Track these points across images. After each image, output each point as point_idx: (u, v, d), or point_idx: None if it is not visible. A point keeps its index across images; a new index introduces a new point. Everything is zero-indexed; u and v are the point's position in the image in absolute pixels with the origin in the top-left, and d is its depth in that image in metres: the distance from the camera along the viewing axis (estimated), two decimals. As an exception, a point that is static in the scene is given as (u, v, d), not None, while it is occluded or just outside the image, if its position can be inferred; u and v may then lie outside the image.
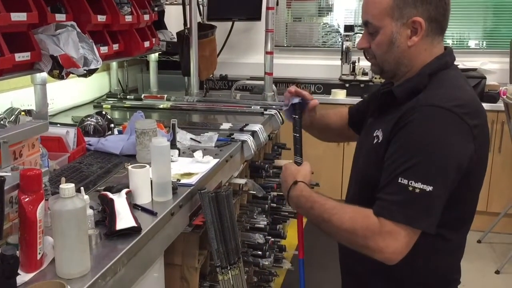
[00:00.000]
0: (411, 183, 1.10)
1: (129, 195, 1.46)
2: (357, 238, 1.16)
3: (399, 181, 1.11)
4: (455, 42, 4.17)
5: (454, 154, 1.12)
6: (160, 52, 3.37)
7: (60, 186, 1.08)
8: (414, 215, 1.11)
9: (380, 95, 1.33)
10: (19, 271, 1.02)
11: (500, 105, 3.54)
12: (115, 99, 3.12)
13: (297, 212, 1.44)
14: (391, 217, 1.12)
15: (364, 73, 3.88)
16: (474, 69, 3.81)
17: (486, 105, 3.62)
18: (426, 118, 1.14)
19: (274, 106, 2.96)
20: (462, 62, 3.89)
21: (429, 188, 1.09)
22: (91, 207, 1.34)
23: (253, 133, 2.39)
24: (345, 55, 3.90)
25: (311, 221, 1.30)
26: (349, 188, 1.43)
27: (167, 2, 3.61)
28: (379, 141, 1.24)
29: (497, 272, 3.31)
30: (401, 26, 1.20)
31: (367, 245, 1.15)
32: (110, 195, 1.42)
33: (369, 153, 1.28)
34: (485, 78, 3.68)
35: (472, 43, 4.16)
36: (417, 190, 1.10)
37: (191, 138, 2.19)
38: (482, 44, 4.13)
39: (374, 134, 1.27)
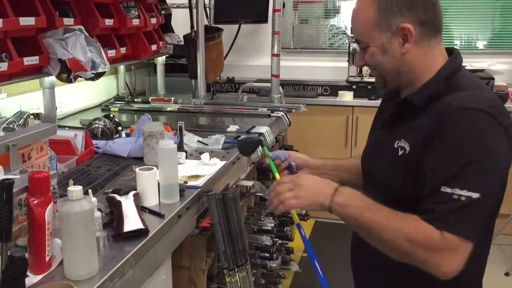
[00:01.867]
0: (455, 190, 1.05)
1: (137, 197, 1.47)
2: (417, 249, 1.09)
3: (444, 190, 1.06)
4: (463, 43, 4.15)
5: (495, 155, 1.08)
6: (167, 55, 3.38)
7: (68, 188, 1.09)
8: (463, 225, 1.06)
9: (395, 104, 1.26)
10: (27, 273, 1.03)
11: (509, 106, 3.51)
12: (123, 102, 3.14)
13: (340, 214, 1.20)
14: (451, 230, 1.06)
15: (371, 75, 3.86)
16: (482, 70, 3.78)
17: (494, 106, 3.61)
18: (465, 122, 1.08)
19: (281, 108, 2.96)
20: (470, 63, 3.87)
21: (476, 195, 1.04)
22: (99, 209, 1.35)
23: (260, 135, 2.39)
24: (352, 56, 3.89)
25: (357, 225, 1.18)
26: None
27: (174, 6, 3.62)
28: (407, 152, 1.17)
29: (506, 274, 3.28)
30: (391, 36, 1.17)
31: (428, 259, 1.08)
32: (117, 197, 1.43)
33: (393, 166, 1.21)
34: (493, 79, 3.66)
35: (480, 44, 4.14)
36: (463, 199, 1.05)
37: (198, 141, 2.19)
38: (490, 45, 4.10)
39: (396, 146, 1.20)
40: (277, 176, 1.45)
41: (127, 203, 1.40)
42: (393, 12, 1.15)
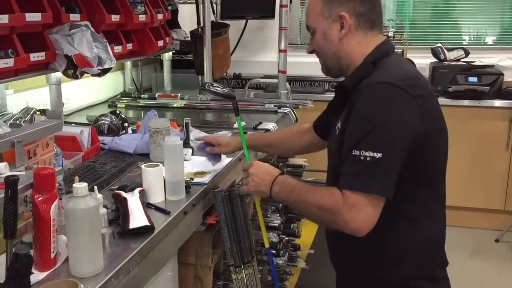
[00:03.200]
0: (362, 152, 1.18)
1: (142, 194, 1.46)
2: (326, 214, 1.24)
3: (353, 153, 1.20)
4: (472, 39, 4.11)
5: (400, 121, 1.20)
6: (173, 51, 3.37)
7: (73, 185, 1.09)
8: (367, 181, 1.18)
9: (334, 90, 1.43)
10: (33, 270, 1.02)
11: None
12: (129, 98, 3.13)
13: (278, 199, 1.45)
14: (350, 188, 1.19)
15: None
16: (492, 66, 3.75)
17: (503, 102, 3.57)
18: (371, 93, 1.23)
19: (288, 105, 2.94)
20: (479, 58, 3.83)
21: (378, 155, 1.17)
22: (104, 206, 1.34)
23: (267, 132, 2.38)
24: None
25: (290, 205, 1.42)
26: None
27: (181, 1, 3.61)
28: (339, 131, 1.33)
29: (516, 271, 3.26)
30: (331, 22, 1.34)
31: (335, 220, 1.22)
32: (123, 194, 1.42)
33: (335, 146, 1.35)
34: (502, 74, 3.63)
35: (489, 40, 4.10)
36: (368, 159, 1.17)
37: (204, 137, 2.18)
38: (499, 40, 4.06)
39: (335, 128, 1.38)
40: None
41: (133, 200, 1.39)
42: (334, 2, 1.34)
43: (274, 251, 2.22)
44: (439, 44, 3.88)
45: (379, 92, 1.23)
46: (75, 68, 1.94)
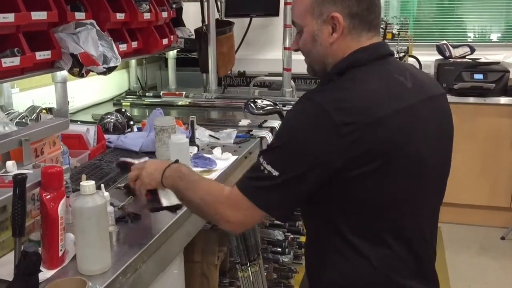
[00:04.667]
0: (263, 163, 1.12)
1: None
2: (208, 205, 1.21)
3: (259, 159, 1.14)
4: (477, 36, 4.09)
5: (308, 146, 1.09)
6: (178, 49, 3.37)
7: (81, 183, 1.09)
8: (256, 191, 1.14)
9: None
10: (41, 268, 1.03)
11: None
12: (134, 97, 3.14)
13: (167, 185, 1.33)
14: (240, 188, 1.15)
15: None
16: (497, 63, 3.73)
17: (509, 99, 3.55)
18: (294, 109, 1.16)
19: (292, 102, 2.93)
20: (485, 55, 3.81)
21: (275, 173, 1.10)
22: (111, 204, 1.35)
23: (272, 129, 2.37)
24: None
25: (177, 193, 1.29)
26: None
27: (185, -1, 3.61)
28: None
29: (523, 268, 3.25)
30: (322, 23, 1.17)
31: (216, 209, 1.19)
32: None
33: None
34: (508, 71, 3.61)
35: (494, 37, 4.08)
36: (266, 172, 1.11)
37: (210, 135, 2.18)
38: (504, 37, 4.04)
39: None
40: None
41: None
42: (326, 0, 1.16)
43: (279, 249, 2.22)
44: (444, 41, 3.87)
45: (302, 109, 1.14)
46: (80, 66, 1.94)
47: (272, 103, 1.53)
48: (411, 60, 3.77)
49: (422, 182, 1.19)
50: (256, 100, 1.54)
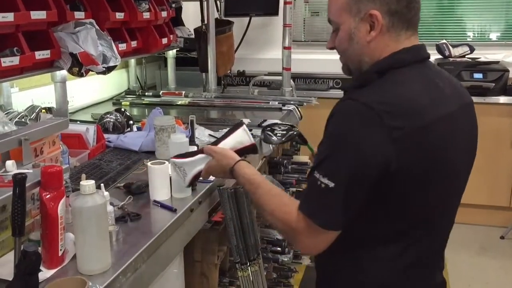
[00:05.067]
0: (319, 177, 1.09)
1: None
2: (277, 227, 1.22)
3: (314, 174, 1.11)
4: (476, 35, 4.09)
5: (361, 153, 1.05)
6: (177, 49, 3.37)
7: (81, 183, 1.09)
8: (316, 209, 1.11)
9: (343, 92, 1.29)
10: (41, 267, 1.03)
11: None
12: (134, 96, 3.13)
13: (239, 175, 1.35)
14: (303, 210, 1.13)
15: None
16: (497, 62, 3.73)
17: (509, 99, 3.55)
18: (340, 112, 1.11)
19: (292, 102, 2.94)
20: (484, 55, 3.81)
21: (331, 185, 1.07)
22: (111, 204, 1.35)
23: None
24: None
25: (248, 189, 1.31)
26: None
27: (185, -1, 3.61)
28: None
29: (522, 268, 3.25)
30: (359, 21, 1.14)
31: (286, 233, 1.20)
32: None
33: None
34: (508, 71, 3.61)
35: (493, 36, 4.08)
36: (323, 186, 1.08)
37: (209, 134, 2.18)
38: (504, 36, 4.04)
39: None
40: None
41: None
42: None
43: (279, 249, 2.22)
44: (444, 41, 3.87)
45: (350, 113, 1.09)
46: (80, 66, 1.94)
47: (289, 126, 1.51)
48: (410, 60, 3.76)
49: (455, 187, 1.22)
50: (273, 128, 1.51)
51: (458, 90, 1.24)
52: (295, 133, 1.50)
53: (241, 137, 1.42)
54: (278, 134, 1.49)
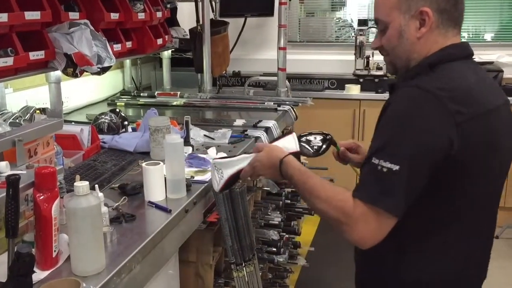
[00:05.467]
0: (380, 162, 1.09)
1: None
2: (331, 216, 1.17)
3: (372, 160, 1.11)
4: (471, 35, 4.11)
5: (425, 135, 1.08)
6: (173, 49, 3.37)
7: (75, 183, 1.09)
8: (378, 195, 1.09)
9: (388, 88, 1.32)
10: (34, 269, 1.02)
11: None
12: (129, 97, 3.13)
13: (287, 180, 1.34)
14: (361, 197, 1.11)
15: (378, 68, 3.84)
16: (491, 62, 3.74)
17: (503, 99, 3.57)
18: (402, 97, 1.13)
19: (287, 102, 2.94)
20: (478, 55, 3.82)
21: (395, 168, 1.07)
22: (105, 205, 1.34)
23: (267, 129, 2.37)
24: (359, 49, 3.86)
25: (297, 189, 1.29)
26: None
27: (180, -1, 3.60)
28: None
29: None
30: (409, 18, 1.18)
31: (341, 223, 1.14)
32: None
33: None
34: (502, 71, 3.62)
35: (487, 36, 4.10)
36: (385, 170, 1.08)
37: (204, 135, 2.18)
38: (498, 37, 4.06)
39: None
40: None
41: None
42: None
43: (274, 249, 2.22)
44: (439, 41, 3.87)
45: (413, 98, 1.11)
46: (74, 66, 1.93)
47: (322, 134, 1.50)
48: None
49: (501, 181, 1.25)
50: (307, 139, 1.49)
51: (497, 88, 1.28)
52: (329, 141, 1.49)
53: (289, 143, 1.41)
54: (314, 147, 1.47)
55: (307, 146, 1.46)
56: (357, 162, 1.54)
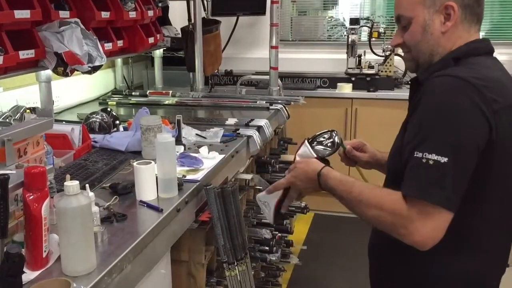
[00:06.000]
0: (425, 155, 1.06)
1: None
2: (386, 215, 1.12)
3: (415, 155, 1.07)
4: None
5: (468, 124, 1.06)
6: (164, 48, 3.36)
7: (65, 183, 1.08)
8: (430, 189, 1.05)
9: (410, 85, 1.31)
10: (24, 269, 1.02)
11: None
12: (120, 96, 3.12)
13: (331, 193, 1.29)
14: (413, 194, 1.07)
15: (370, 67, 3.86)
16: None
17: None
18: (438, 87, 1.11)
19: (279, 101, 2.94)
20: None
21: (444, 159, 1.04)
22: (96, 204, 1.34)
23: (259, 128, 2.37)
24: (351, 48, 3.87)
25: (342, 200, 1.24)
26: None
27: (171, -2, 3.59)
28: (402, 126, 1.23)
29: None
30: (434, 12, 1.18)
31: (396, 225, 1.10)
32: None
33: (398, 148, 1.23)
34: (492, 70, 3.64)
35: (479, 35, 4.12)
36: (431, 162, 1.05)
37: (196, 134, 2.18)
38: (489, 35, 4.08)
39: (403, 127, 1.24)
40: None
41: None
42: None
43: (267, 248, 2.22)
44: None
45: (449, 87, 1.09)
46: (65, 65, 1.92)
47: (328, 132, 1.50)
48: (397, 59, 3.79)
49: None
50: (318, 141, 1.47)
51: None
52: (337, 136, 1.48)
53: (305, 152, 1.41)
54: (328, 144, 1.46)
55: (321, 148, 1.45)
56: (365, 161, 1.53)
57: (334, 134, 1.47)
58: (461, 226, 1.13)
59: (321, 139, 1.47)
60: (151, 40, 2.66)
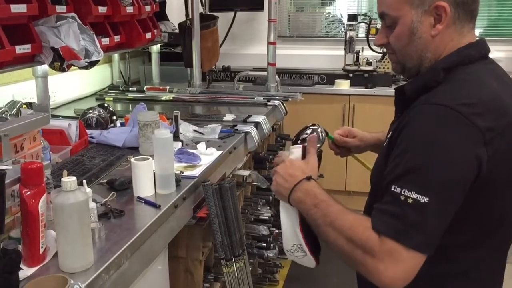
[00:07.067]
0: (404, 192, 0.96)
1: None
2: (355, 250, 1.02)
3: (393, 189, 0.98)
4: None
5: (456, 160, 0.96)
6: (162, 44, 3.35)
7: (62, 179, 1.07)
8: (404, 230, 0.96)
9: (395, 92, 1.17)
10: (21, 266, 1.01)
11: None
12: (117, 91, 3.10)
13: (297, 208, 1.18)
14: (384, 232, 0.98)
15: (368, 63, 3.85)
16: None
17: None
18: (425, 118, 1.00)
19: (277, 97, 2.93)
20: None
21: (424, 199, 0.95)
22: (94, 200, 1.33)
23: (257, 124, 2.37)
24: (349, 45, 3.86)
25: (310, 221, 1.14)
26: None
27: (169, -7, 3.57)
28: (387, 141, 1.12)
29: None
30: (423, 13, 1.06)
31: (365, 263, 1.00)
32: None
33: (380, 158, 1.15)
34: (490, 67, 3.64)
35: (476, 32, 4.11)
36: (410, 201, 0.95)
37: (194, 130, 2.17)
38: (486, 32, 4.08)
39: (387, 135, 1.16)
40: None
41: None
42: None
43: (264, 244, 2.22)
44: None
45: (435, 117, 0.98)
46: (62, 60, 1.91)
47: (308, 126, 1.45)
48: (395, 55, 3.78)
49: None
50: (302, 138, 1.39)
51: None
52: (319, 128, 1.44)
53: (298, 152, 1.29)
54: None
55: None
56: (355, 146, 1.49)
57: (317, 127, 1.44)
58: (459, 252, 1.08)
59: (304, 135, 1.43)
60: (148, 35, 2.65)
